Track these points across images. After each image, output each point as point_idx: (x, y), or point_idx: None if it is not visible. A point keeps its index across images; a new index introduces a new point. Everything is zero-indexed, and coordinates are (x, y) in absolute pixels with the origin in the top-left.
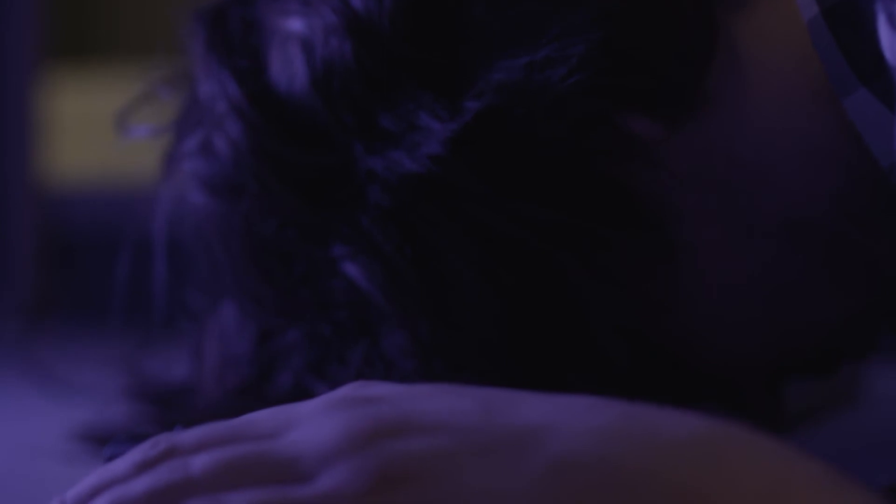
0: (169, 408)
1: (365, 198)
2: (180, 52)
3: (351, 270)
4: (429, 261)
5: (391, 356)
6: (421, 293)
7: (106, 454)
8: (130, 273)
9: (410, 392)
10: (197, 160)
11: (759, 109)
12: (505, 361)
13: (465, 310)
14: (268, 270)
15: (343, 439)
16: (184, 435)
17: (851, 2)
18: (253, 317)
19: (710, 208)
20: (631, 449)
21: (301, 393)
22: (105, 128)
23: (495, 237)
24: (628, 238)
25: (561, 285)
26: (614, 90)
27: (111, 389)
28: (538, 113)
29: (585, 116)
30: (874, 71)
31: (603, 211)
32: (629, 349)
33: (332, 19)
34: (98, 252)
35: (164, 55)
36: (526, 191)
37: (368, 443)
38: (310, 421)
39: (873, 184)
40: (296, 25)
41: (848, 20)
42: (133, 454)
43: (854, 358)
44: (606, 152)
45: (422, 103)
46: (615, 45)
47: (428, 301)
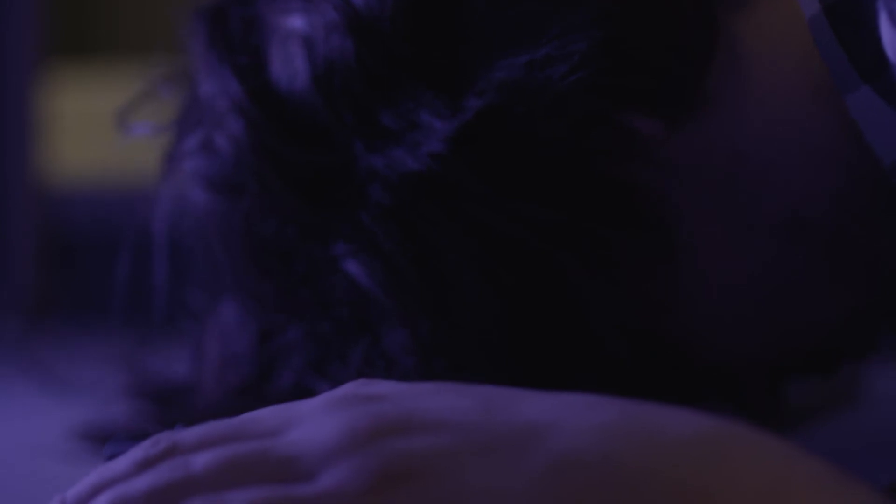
0: (170, 406)
1: (366, 196)
2: (181, 51)
3: (352, 269)
4: (429, 259)
5: (392, 355)
6: (421, 292)
7: (106, 453)
8: (131, 272)
9: (412, 390)
10: (197, 159)
11: (760, 108)
12: (505, 360)
13: (466, 309)
14: (268, 269)
15: (344, 438)
16: (185, 433)
17: None
18: (253, 315)
19: (711, 207)
20: (632, 447)
21: (302, 391)
22: (105, 126)
23: (495, 236)
24: (628, 237)
25: (561, 285)
26: (615, 89)
27: (112, 388)
28: (539, 112)
29: (586, 115)
30: (876, 68)
31: (603, 210)
32: (630, 348)
33: (333, 17)
34: (98, 251)
35: (165, 53)
36: (526, 190)
37: (370, 441)
38: (311, 419)
39: (874, 183)
40: (297, 23)
41: (849, 18)
42: (134, 452)
43: (854, 357)
44: (607, 151)
45: (423, 101)
46: (616, 44)
47: (428, 299)
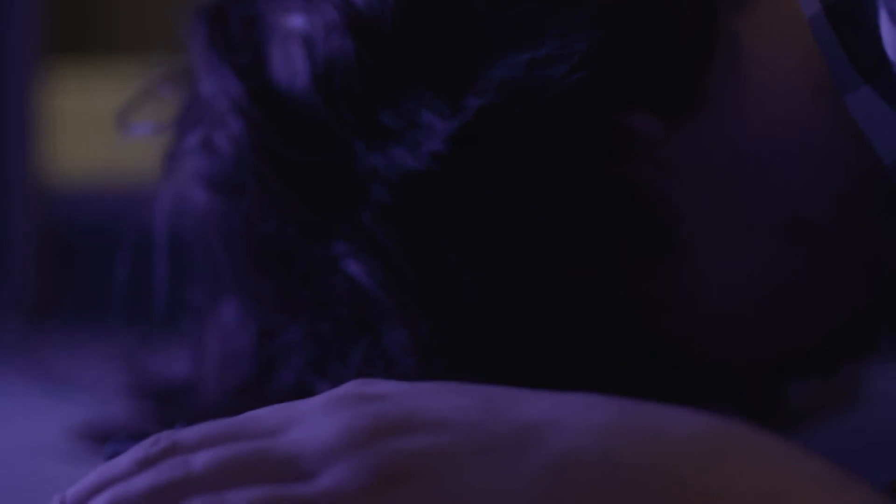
0: (170, 406)
1: (366, 196)
2: (181, 50)
3: (352, 268)
4: (429, 259)
5: (392, 355)
6: (421, 291)
7: (107, 452)
8: (131, 271)
9: (412, 390)
10: (197, 158)
11: (760, 107)
12: (505, 360)
13: (466, 308)
14: (268, 268)
15: (344, 437)
16: (185, 432)
17: None
18: (253, 315)
19: (711, 207)
20: (632, 446)
21: (302, 391)
22: (106, 125)
23: (495, 236)
24: (628, 237)
25: (561, 285)
26: (615, 89)
27: (112, 388)
28: (539, 111)
29: (586, 115)
30: (876, 68)
31: (603, 210)
32: (629, 348)
33: (334, 16)
34: (98, 250)
35: (165, 53)
36: (526, 190)
37: (370, 440)
38: (311, 418)
39: (874, 183)
40: (297, 23)
41: (850, 17)
42: (134, 452)
43: (854, 357)
44: (607, 151)
45: (423, 101)
46: (616, 44)
47: (428, 299)
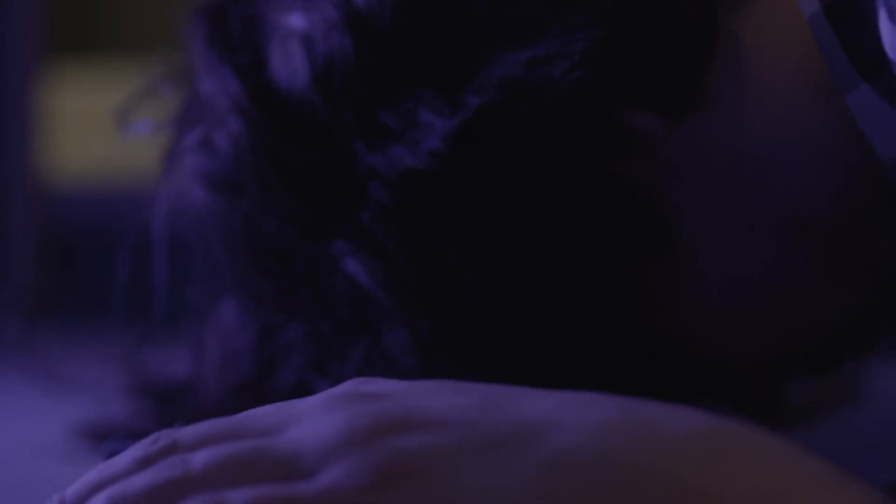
0: (169, 405)
1: (365, 195)
2: (181, 49)
3: (351, 268)
4: (429, 259)
5: (392, 354)
6: (421, 291)
7: (106, 451)
8: (131, 270)
9: (411, 388)
10: (197, 157)
11: (760, 107)
12: (505, 360)
13: (465, 308)
14: (268, 268)
15: (344, 435)
16: (184, 431)
17: None
18: (253, 314)
19: (711, 207)
20: (631, 445)
21: (302, 390)
22: (105, 125)
23: (495, 236)
24: (628, 237)
25: (561, 284)
26: (615, 88)
27: (112, 387)
28: (539, 110)
29: (586, 114)
30: (876, 67)
31: (603, 210)
32: (630, 348)
33: (333, 15)
34: (98, 249)
35: (165, 52)
36: (526, 189)
37: (369, 439)
38: (310, 417)
39: (874, 182)
40: (296, 22)
41: (849, 16)
42: (133, 450)
43: (854, 357)
44: (607, 150)
45: (422, 99)
46: (616, 44)
47: (428, 299)
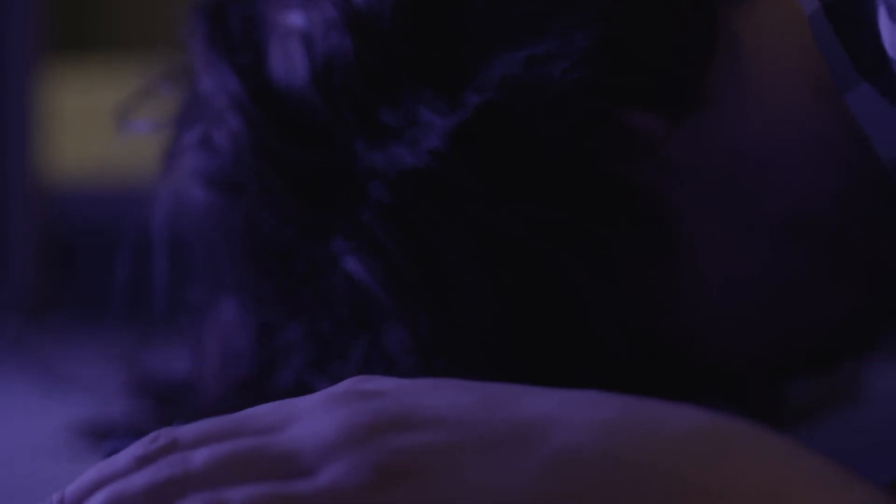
0: (169, 404)
1: (365, 194)
2: (180, 48)
3: (351, 267)
4: (429, 258)
5: (392, 353)
6: (421, 290)
7: (106, 449)
8: (130, 270)
9: (411, 386)
10: (197, 156)
11: (760, 106)
12: (505, 359)
13: (465, 307)
14: (268, 267)
15: (343, 434)
16: (184, 429)
17: None
18: (253, 313)
19: (711, 206)
20: (632, 443)
21: (302, 389)
22: (105, 124)
23: (495, 236)
24: (628, 237)
25: (561, 284)
26: (615, 87)
27: (111, 386)
28: (538, 109)
29: (586, 113)
30: (876, 66)
31: (603, 210)
32: (630, 347)
33: (333, 14)
34: (98, 249)
35: (165, 51)
36: (526, 189)
37: (369, 437)
38: (310, 415)
39: (874, 182)
40: (296, 20)
41: (849, 15)
42: (133, 449)
43: (854, 356)
44: (607, 150)
45: (422, 98)
46: (616, 43)
47: (428, 298)
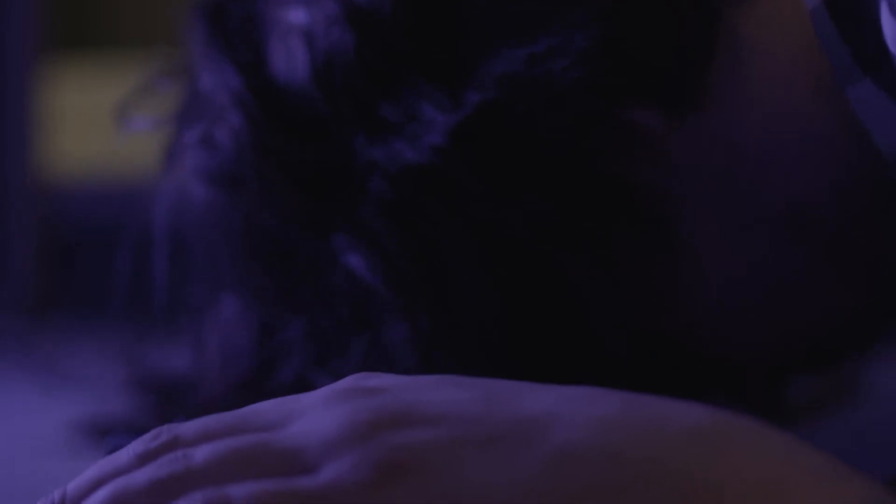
0: (170, 401)
1: (366, 190)
2: (181, 45)
3: (352, 262)
4: (429, 254)
5: (393, 349)
6: (421, 287)
7: (107, 446)
8: (131, 267)
9: (413, 383)
10: (198, 153)
11: (761, 104)
12: (505, 356)
13: (465, 304)
14: (268, 263)
15: (345, 430)
16: (185, 426)
17: None
18: (254, 310)
19: (711, 204)
20: (632, 439)
21: (303, 386)
22: (106, 122)
23: (495, 232)
24: (628, 234)
25: (561, 281)
26: (615, 85)
27: (112, 383)
28: (539, 107)
29: (586, 111)
30: (877, 61)
31: (603, 207)
32: (630, 344)
33: (334, 10)
34: (99, 246)
35: (165, 48)
36: (526, 186)
37: (371, 434)
38: (312, 412)
39: (874, 180)
40: (297, 17)
41: (850, 10)
42: (134, 446)
43: (855, 354)
44: (607, 148)
45: (423, 94)
46: (617, 40)
47: (428, 295)
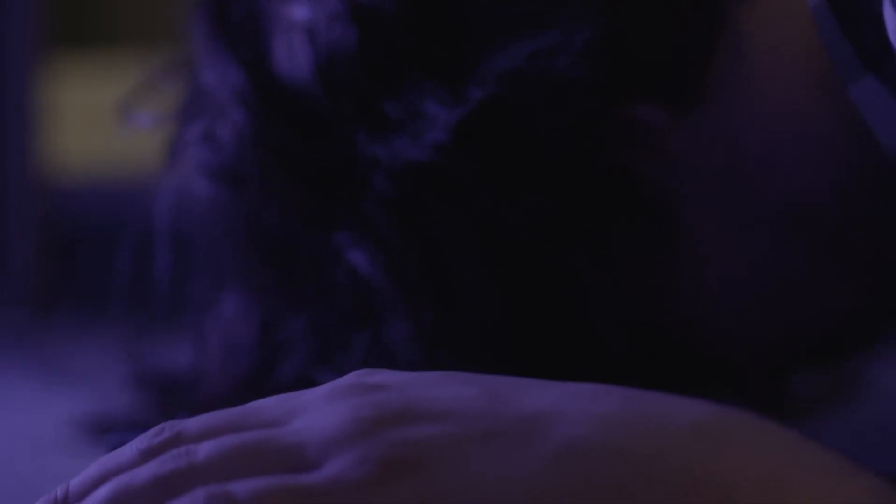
0: (172, 398)
1: (368, 186)
2: (182, 42)
3: (354, 259)
4: (431, 251)
5: (395, 346)
6: (423, 283)
7: (109, 443)
8: (133, 263)
9: (416, 379)
10: (200, 149)
11: (762, 99)
12: (507, 352)
13: (467, 301)
14: (271, 259)
15: (348, 427)
16: (188, 422)
17: None
18: (256, 306)
19: (712, 201)
20: (635, 435)
21: (305, 382)
22: (107, 118)
23: (497, 230)
24: (630, 231)
25: (562, 278)
26: (618, 81)
27: (114, 379)
28: (541, 104)
29: (588, 108)
30: (880, 57)
31: (605, 203)
32: (631, 341)
33: (336, 7)
34: (100, 242)
35: (167, 44)
36: (528, 183)
37: (373, 430)
38: (315, 408)
39: (875, 178)
40: (299, 13)
41: (852, 6)
42: (137, 442)
43: (856, 351)
44: (609, 144)
45: (425, 91)
46: (618, 36)
47: (430, 291)
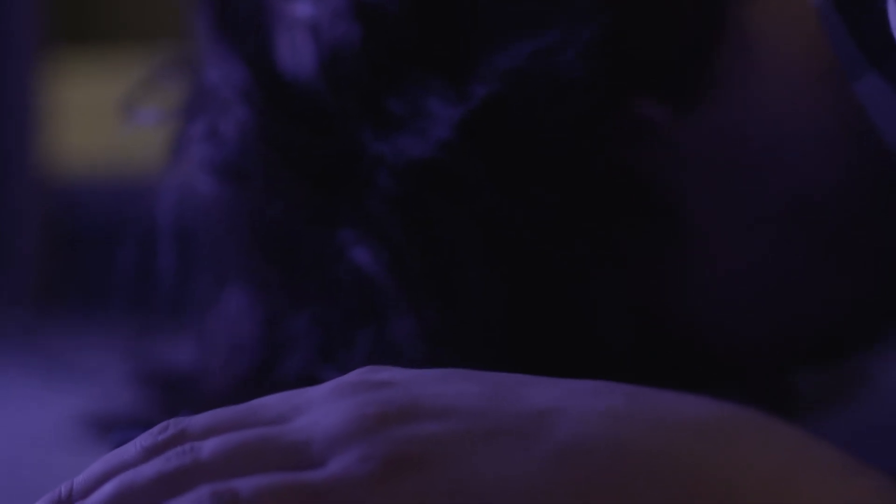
0: (176, 395)
1: (372, 183)
2: (186, 38)
3: (358, 256)
4: (435, 248)
5: (399, 343)
6: (427, 280)
7: (113, 440)
8: (136, 260)
9: (419, 376)
10: (203, 146)
11: (767, 93)
12: (511, 349)
13: (471, 298)
14: (274, 256)
15: (352, 424)
16: (192, 420)
17: None
18: (259, 303)
19: (716, 196)
20: (639, 431)
21: (308, 379)
22: (110, 115)
23: (501, 227)
24: (634, 227)
25: (566, 275)
26: (621, 77)
27: (118, 376)
28: (544, 101)
29: (592, 104)
30: (884, 53)
31: (609, 199)
32: (635, 337)
33: (340, 4)
34: (103, 239)
35: (170, 41)
36: (532, 180)
37: (378, 428)
38: (319, 406)
39: (879, 173)
40: (303, 10)
41: (857, 1)
42: (141, 439)
43: (858, 349)
44: (613, 140)
45: (429, 88)
46: (622, 33)
47: (434, 288)
